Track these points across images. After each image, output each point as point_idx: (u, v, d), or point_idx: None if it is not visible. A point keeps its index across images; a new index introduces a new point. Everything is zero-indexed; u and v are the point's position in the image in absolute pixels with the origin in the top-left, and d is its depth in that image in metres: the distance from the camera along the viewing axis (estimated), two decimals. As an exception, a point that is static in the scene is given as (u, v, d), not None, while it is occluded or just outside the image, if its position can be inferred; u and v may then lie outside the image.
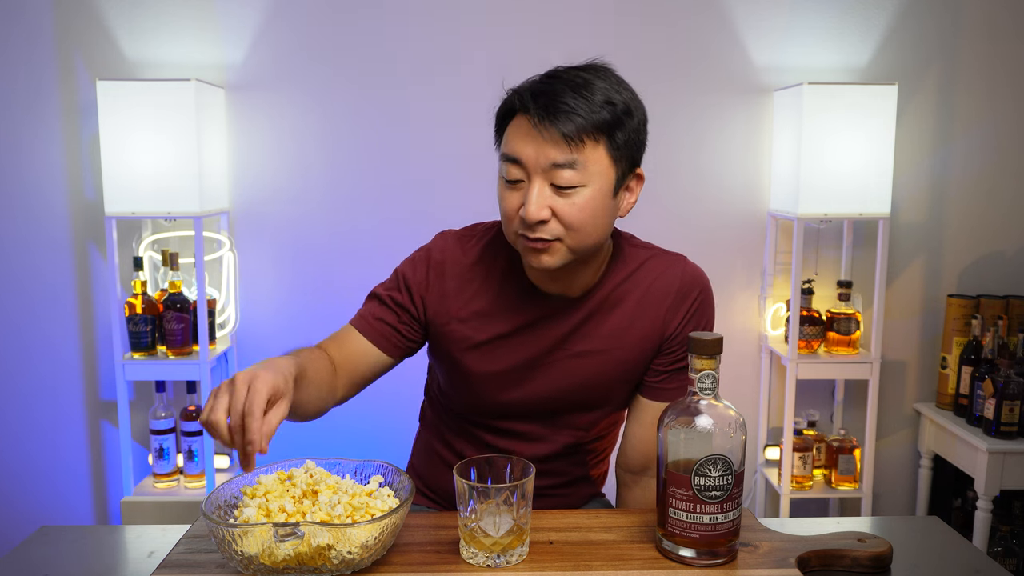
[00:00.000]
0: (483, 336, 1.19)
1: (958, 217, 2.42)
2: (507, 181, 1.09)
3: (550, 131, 1.04)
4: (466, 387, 1.23)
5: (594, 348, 1.19)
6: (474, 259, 1.21)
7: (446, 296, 1.20)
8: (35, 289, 2.33)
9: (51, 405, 2.38)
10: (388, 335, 1.21)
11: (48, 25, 2.23)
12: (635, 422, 1.25)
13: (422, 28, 2.28)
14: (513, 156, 1.07)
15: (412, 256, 1.25)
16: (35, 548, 1.08)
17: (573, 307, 1.18)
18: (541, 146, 1.05)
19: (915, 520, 1.33)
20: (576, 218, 1.06)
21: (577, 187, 1.06)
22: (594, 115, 1.05)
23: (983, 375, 2.18)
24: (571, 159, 1.05)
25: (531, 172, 1.06)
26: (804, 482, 2.33)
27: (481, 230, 1.25)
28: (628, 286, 1.19)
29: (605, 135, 1.06)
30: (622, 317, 1.19)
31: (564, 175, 1.05)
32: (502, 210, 1.11)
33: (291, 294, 2.37)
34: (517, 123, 1.08)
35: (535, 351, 1.19)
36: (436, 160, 2.33)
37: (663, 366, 1.21)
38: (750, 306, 2.44)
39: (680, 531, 0.95)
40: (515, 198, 1.08)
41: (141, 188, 2.06)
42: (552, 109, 1.04)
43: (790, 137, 2.21)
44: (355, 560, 0.90)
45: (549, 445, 1.25)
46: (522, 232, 1.08)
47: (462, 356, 1.21)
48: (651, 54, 2.31)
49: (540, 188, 1.06)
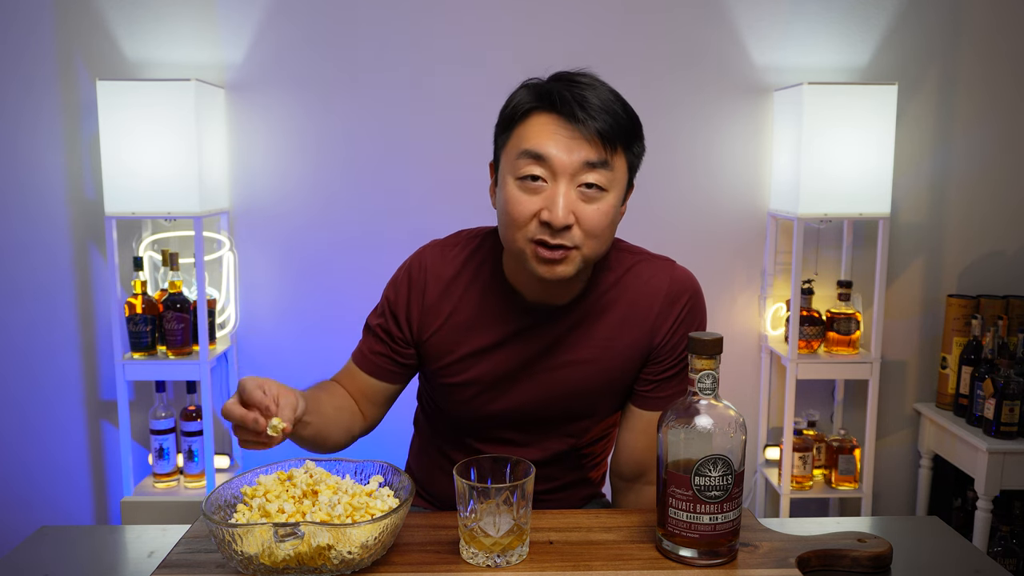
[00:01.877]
0: (466, 348, 1.17)
1: (958, 217, 2.42)
2: (521, 180, 1.03)
3: (586, 129, 1.00)
4: (452, 398, 1.21)
5: (580, 358, 1.15)
6: (457, 269, 1.18)
7: (427, 310, 1.18)
8: (35, 289, 2.33)
9: (51, 405, 2.38)
10: (386, 366, 1.21)
11: (48, 25, 2.23)
12: (626, 430, 1.22)
13: (422, 28, 2.28)
14: (539, 152, 1.01)
15: (395, 276, 1.23)
16: (35, 548, 1.08)
17: (559, 316, 1.15)
18: (572, 145, 1.00)
19: (915, 520, 1.33)
20: (598, 225, 1.03)
21: (603, 191, 1.03)
22: (621, 119, 1.03)
23: (983, 375, 2.18)
24: (603, 159, 1.01)
25: (558, 172, 1.01)
26: (804, 482, 2.33)
27: (465, 238, 1.22)
28: (615, 293, 1.16)
29: (625, 142, 1.05)
30: (609, 326, 1.15)
31: (593, 176, 1.01)
32: (512, 214, 1.04)
33: (291, 294, 2.37)
34: (540, 121, 1.03)
35: (520, 361, 1.15)
36: (436, 160, 2.33)
37: (653, 375, 1.18)
38: (750, 306, 2.44)
39: (680, 531, 0.95)
40: (532, 201, 1.02)
41: (141, 188, 2.05)
42: (584, 108, 1.00)
43: (790, 137, 2.21)
44: (355, 560, 0.90)
45: (541, 452, 1.22)
46: (540, 238, 1.02)
47: (446, 368, 1.19)
48: (651, 54, 2.31)
49: (567, 190, 1.01)
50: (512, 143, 1.05)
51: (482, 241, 1.20)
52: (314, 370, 2.37)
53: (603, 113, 1.01)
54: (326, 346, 2.36)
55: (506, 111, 1.08)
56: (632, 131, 1.05)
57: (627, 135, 1.04)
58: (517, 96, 1.07)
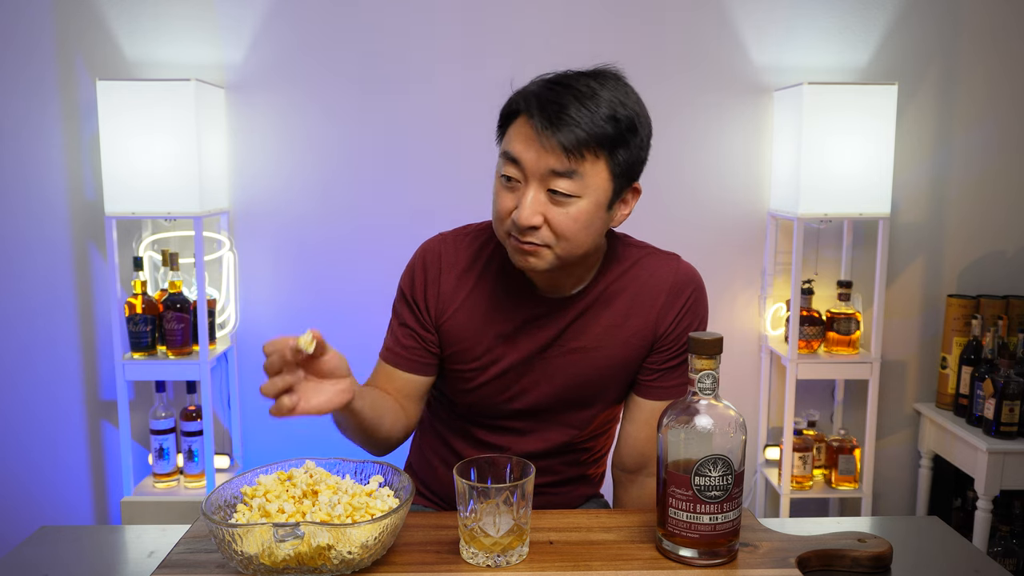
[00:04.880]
0: (480, 334, 1.20)
1: (958, 217, 2.42)
2: (504, 178, 1.09)
3: (551, 140, 1.03)
4: (461, 384, 1.23)
5: (588, 344, 1.19)
6: (469, 258, 1.22)
7: (443, 296, 1.21)
8: (35, 289, 2.33)
9: (51, 405, 2.38)
10: (418, 358, 1.22)
11: (48, 25, 2.23)
12: (630, 421, 1.25)
13: (422, 28, 2.28)
14: (513, 156, 1.07)
15: (408, 267, 1.26)
16: (35, 548, 1.08)
17: (567, 304, 1.19)
18: (540, 152, 1.05)
19: (915, 520, 1.33)
20: (568, 228, 1.07)
21: (572, 197, 1.06)
22: (596, 129, 1.04)
23: (983, 375, 2.18)
24: (569, 169, 1.04)
25: (528, 176, 1.06)
26: (804, 482, 2.33)
27: (474, 230, 1.26)
28: (622, 283, 1.20)
29: (606, 151, 1.06)
30: (616, 314, 1.19)
31: (561, 184, 1.05)
32: (495, 208, 1.11)
33: (291, 294, 2.37)
34: (520, 124, 1.08)
35: (531, 348, 1.19)
36: (436, 160, 2.33)
37: (657, 364, 1.21)
38: (750, 306, 2.44)
39: (680, 531, 0.95)
40: (510, 199, 1.09)
41: (141, 188, 2.05)
42: (555, 119, 1.03)
43: (790, 137, 2.21)
44: (355, 560, 0.90)
45: (543, 442, 1.25)
46: (513, 234, 1.09)
47: (459, 353, 1.21)
48: (651, 54, 2.31)
49: (535, 194, 1.06)
50: (503, 141, 1.11)
51: (490, 235, 1.23)
52: (314, 370, 2.39)
53: (574, 126, 1.03)
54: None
55: (502, 112, 1.13)
56: (617, 139, 1.06)
57: (609, 143, 1.05)
58: (514, 95, 1.11)
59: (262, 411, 2.40)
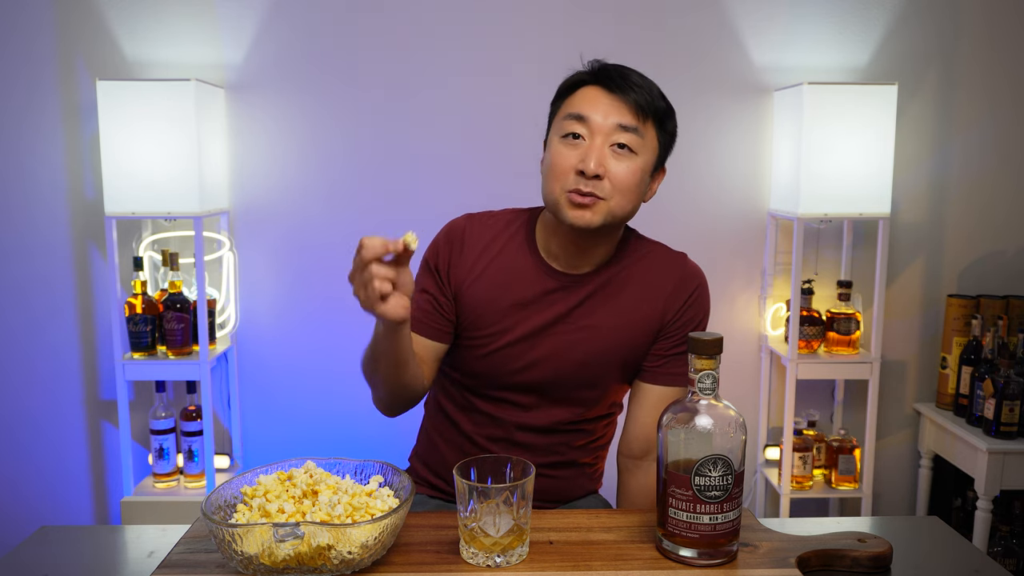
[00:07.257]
0: (497, 304, 1.25)
1: (958, 217, 2.42)
2: (564, 138, 1.18)
3: (621, 100, 1.17)
4: (474, 352, 1.27)
5: (597, 323, 1.25)
6: (492, 235, 1.29)
7: (464, 266, 1.27)
8: (35, 289, 2.33)
9: (51, 405, 2.38)
10: (435, 324, 1.28)
11: (48, 25, 2.23)
12: (636, 406, 1.29)
13: (422, 28, 2.28)
14: (580, 114, 1.18)
15: (433, 241, 1.32)
16: (35, 548, 1.08)
17: (582, 282, 1.26)
18: (609, 110, 1.17)
19: (915, 520, 1.33)
20: (625, 181, 1.17)
21: (632, 153, 1.17)
22: (655, 100, 1.20)
23: (983, 375, 2.18)
24: (634, 125, 1.17)
25: (594, 131, 1.17)
26: (804, 482, 2.33)
27: (500, 212, 1.33)
28: (633, 271, 1.27)
29: (658, 121, 1.20)
30: (625, 298, 1.26)
31: (625, 137, 1.17)
32: (553, 166, 1.19)
33: (291, 294, 2.37)
34: (587, 91, 1.20)
35: (542, 321, 1.25)
36: (436, 160, 2.33)
37: (663, 350, 1.27)
38: (750, 306, 2.44)
39: (680, 531, 0.95)
40: (571, 155, 1.17)
41: (141, 188, 2.05)
42: (623, 84, 1.18)
43: (790, 137, 2.21)
44: (355, 560, 0.90)
45: (546, 418, 1.29)
46: (573, 187, 1.16)
47: (476, 320, 1.26)
48: (651, 54, 2.31)
49: (601, 146, 1.16)
50: (562, 110, 1.22)
51: (516, 216, 1.32)
52: (314, 370, 2.39)
53: (641, 89, 1.18)
54: (326, 346, 2.36)
55: (562, 86, 1.24)
56: (667, 114, 1.22)
57: (661, 112, 1.20)
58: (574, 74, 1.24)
59: (262, 411, 2.40)
